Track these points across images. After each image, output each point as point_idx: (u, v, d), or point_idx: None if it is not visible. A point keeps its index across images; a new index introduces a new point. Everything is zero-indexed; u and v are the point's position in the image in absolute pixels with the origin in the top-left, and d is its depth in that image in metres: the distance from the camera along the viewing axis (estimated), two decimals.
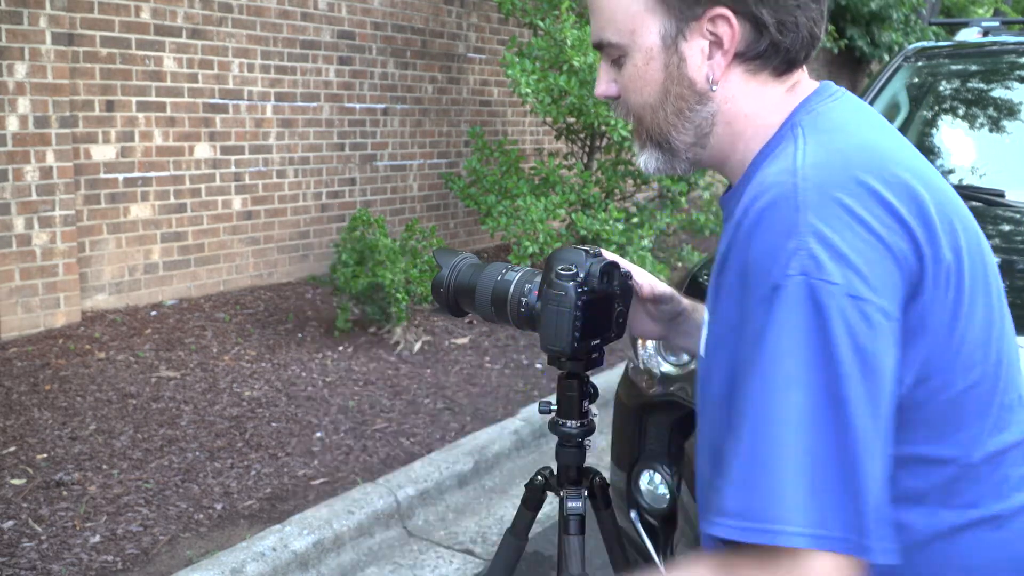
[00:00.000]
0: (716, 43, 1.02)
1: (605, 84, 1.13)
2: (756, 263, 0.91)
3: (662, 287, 1.38)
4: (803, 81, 1.08)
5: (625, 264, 1.33)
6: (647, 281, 1.36)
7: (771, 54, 1.03)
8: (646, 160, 1.13)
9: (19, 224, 4.46)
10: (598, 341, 1.29)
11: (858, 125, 1.02)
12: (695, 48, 1.03)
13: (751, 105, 1.05)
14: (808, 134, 0.99)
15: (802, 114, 1.03)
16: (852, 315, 0.86)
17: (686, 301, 1.39)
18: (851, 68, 13.90)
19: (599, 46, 1.11)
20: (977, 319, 0.97)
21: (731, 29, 1.01)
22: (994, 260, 1.06)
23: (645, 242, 5.63)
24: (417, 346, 4.89)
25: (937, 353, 0.94)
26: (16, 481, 3.18)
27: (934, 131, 3.39)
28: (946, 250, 0.93)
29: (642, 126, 1.11)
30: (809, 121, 1.01)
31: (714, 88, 1.04)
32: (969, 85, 3.46)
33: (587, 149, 6.44)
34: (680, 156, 1.11)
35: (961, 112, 3.39)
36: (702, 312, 1.36)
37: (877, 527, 0.84)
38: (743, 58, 1.03)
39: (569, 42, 5.35)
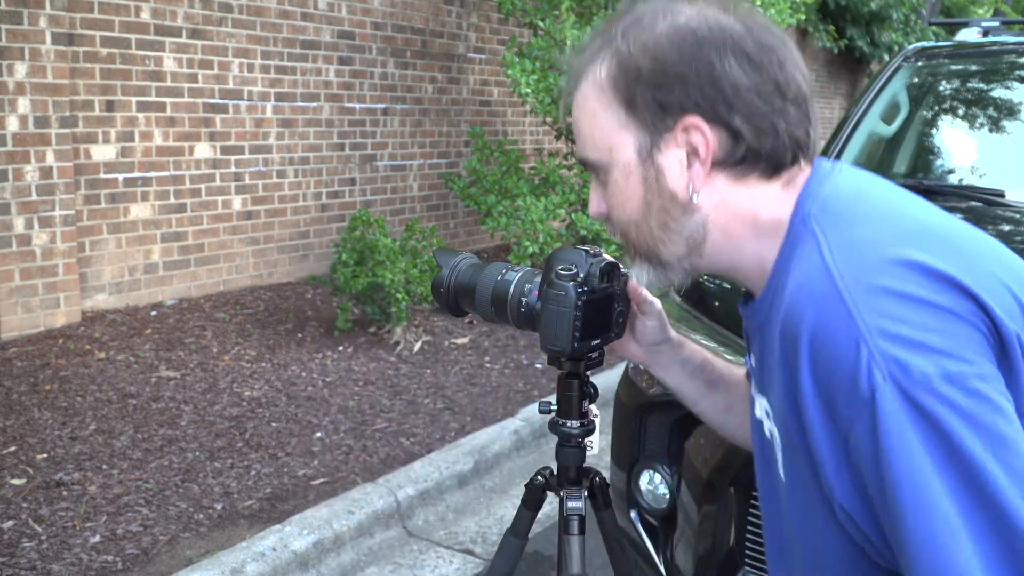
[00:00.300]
0: (693, 153, 1.00)
1: (596, 203, 1.12)
2: (839, 389, 0.85)
3: (656, 305, 1.36)
4: (799, 172, 1.04)
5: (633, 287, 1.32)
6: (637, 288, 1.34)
7: (752, 160, 1.00)
8: (638, 274, 1.11)
9: (19, 224, 4.46)
10: (598, 341, 1.29)
11: (870, 196, 0.99)
12: (672, 159, 1.01)
13: (745, 208, 1.02)
14: (825, 226, 0.94)
15: (809, 204, 0.98)
16: (958, 399, 0.81)
17: (674, 333, 1.36)
18: (851, 68, 13.90)
19: (584, 164, 1.10)
20: None
21: (705, 138, 0.99)
22: None
23: None
24: (417, 346, 4.89)
25: None
26: (16, 481, 3.18)
27: (934, 131, 3.39)
28: (1008, 302, 0.88)
29: (629, 241, 1.09)
30: (820, 210, 0.97)
31: (695, 198, 1.01)
32: (969, 85, 3.46)
33: None
34: (674, 268, 1.08)
35: (961, 112, 3.39)
36: (689, 350, 1.36)
37: None
38: (724, 165, 1.01)
39: (569, 42, 5.35)
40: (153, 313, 5.03)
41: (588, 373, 1.40)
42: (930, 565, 0.81)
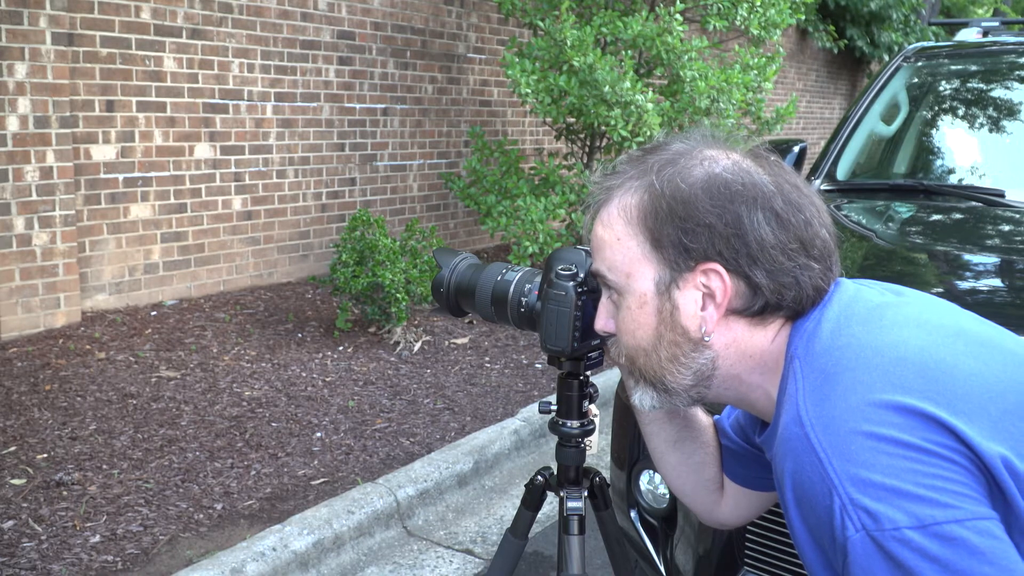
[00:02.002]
0: (709, 295, 1.01)
1: (604, 320, 1.14)
2: (823, 535, 0.86)
3: None
4: None
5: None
6: None
7: (773, 310, 1.01)
8: (640, 397, 1.12)
9: (19, 224, 4.46)
10: (598, 341, 1.29)
11: (849, 329, 0.97)
12: (688, 298, 1.02)
13: (755, 348, 1.03)
14: (803, 367, 0.95)
15: (796, 341, 1.00)
16: (930, 546, 0.79)
17: None
18: (851, 68, 13.90)
19: (597, 277, 1.11)
20: None
21: (724, 284, 1.00)
22: None
23: None
24: (417, 346, 4.89)
25: None
26: (16, 481, 3.18)
27: (934, 131, 3.39)
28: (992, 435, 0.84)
29: (635, 366, 1.10)
30: (803, 349, 0.98)
31: (707, 338, 1.03)
32: (969, 85, 3.46)
33: (587, 149, 6.44)
34: (679, 395, 1.09)
35: (961, 112, 3.39)
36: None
37: None
38: (742, 314, 1.02)
39: (569, 42, 5.35)
40: (153, 313, 5.03)
41: (588, 373, 1.40)
42: None
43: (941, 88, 3.49)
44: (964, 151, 3.29)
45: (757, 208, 1.00)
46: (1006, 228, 2.64)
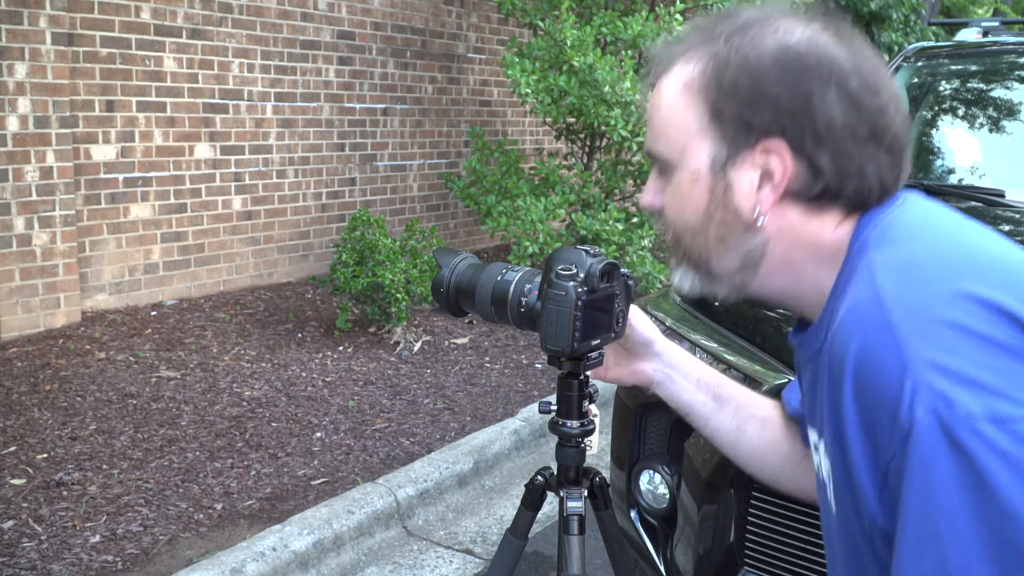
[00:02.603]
0: (767, 175, 0.96)
1: (651, 195, 1.07)
2: (881, 419, 0.81)
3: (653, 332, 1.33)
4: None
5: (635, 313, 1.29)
6: (641, 323, 1.31)
7: (831, 198, 0.95)
8: (681, 278, 1.06)
9: (19, 224, 4.46)
10: (598, 341, 1.29)
11: (934, 225, 0.93)
12: (744, 177, 0.96)
13: (811, 236, 0.98)
14: (883, 252, 0.89)
15: (869, 231, 0.94)
16: (1003, 442, 0.75)
17: (663, 345, 1.33)
18: None
19: (649, 154, 1.05)
20: None
21: (784, 164, 0.94)
22: None
23: (645, 242, 5.63)
24: (417, 346, 4.89)
25: None
26: (16, 481, 3.18)
27: (934, 131, 3.39)
28: None
29: (680, 245, 1.05)
30: (879, 236, 0.92)
31: (760, 222, 0.97)
32: (969, 85, 3.46)
33: (587, 149, 6.44)
34: (722, 280, 1.03)
35: (961, 112, 3.39)
36: (683, 367, 1.32)
37: None
38: (798, 197, 0.96)
39: (569, 42, 5.35)
40: (153, 313, 5.03)
41: (588, 373, 1.40)
42: None
43: (941, 88, 3.49)
44: (964, 151, 3.29)
45: (831, 85, 0.93)
46: (1006, 228, 2.64)
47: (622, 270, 1.29)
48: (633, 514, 2.24)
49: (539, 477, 1.50)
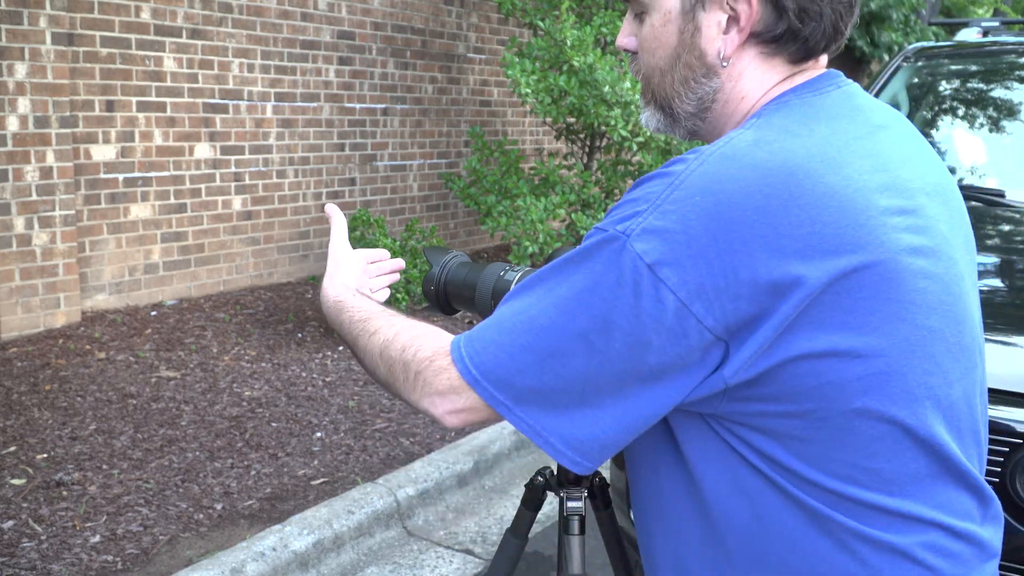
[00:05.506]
0: (733, 19, 1.01)
1: (626, 37, 1.13)
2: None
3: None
4: (812, 70, 1.05)
5: None
6: None
7: (788, 39, 1.01)
8: (647, 118, 1.13)
9: (19, 224, 4.46)
10: None
11: (810, 131, 0.97)
12: (712, 20, 1.02)
13: (752, 87, 1.04)
14: (758, 128, 0.96)
15: (773, 104, 1.01)
16: (641, 280, 0.88)
17: None
18: (851, 68, 13.91)
19: None
20: None
21: (750, 7, 1.00)
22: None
23: None
24: None
25: None
26: (16, 481, 3.18)
27: (934, 131, 3.39)
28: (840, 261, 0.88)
29: (649, 86, 1.11)
30: (768, 114, 0.99)
31: (724, 64, 1.03)
32: (969, 85, 3.46)
33: (587, 149, 6.45)
34: (680, 123, 1.10)
35: (961, 112, 3.39)
36: None
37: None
38: (759, 39, 1.01)
39: (569, 42, 5.35)
40: (153, 313, 5.03)
41: None
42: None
43: (941, 88, 3.50)
44: (964, 151, 3.29)
45: None
46: (1006, 228, 2.64)
47: None
48: (633, 514, 2.24)
49: (539, 477, 1.50)
